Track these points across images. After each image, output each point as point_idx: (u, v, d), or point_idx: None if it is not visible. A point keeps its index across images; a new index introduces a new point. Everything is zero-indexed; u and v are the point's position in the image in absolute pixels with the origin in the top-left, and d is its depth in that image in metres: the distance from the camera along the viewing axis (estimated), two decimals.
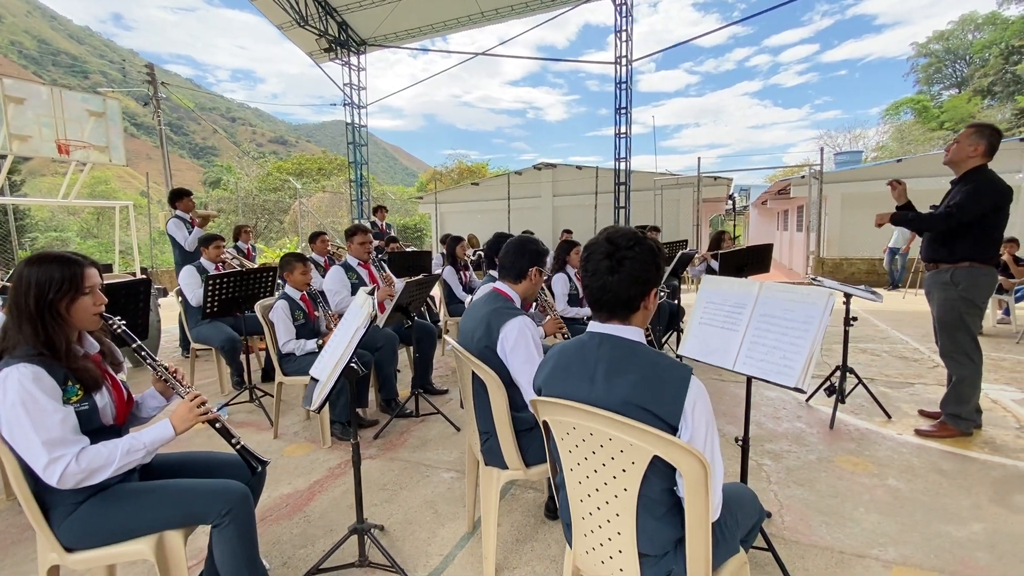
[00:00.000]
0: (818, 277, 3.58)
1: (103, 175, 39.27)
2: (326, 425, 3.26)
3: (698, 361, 2.05)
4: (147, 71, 13.03)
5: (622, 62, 11.89)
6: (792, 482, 2.65)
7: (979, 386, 3.07)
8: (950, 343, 3.08)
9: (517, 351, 1.84)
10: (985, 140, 2.94)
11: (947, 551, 2.08)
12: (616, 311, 1.27)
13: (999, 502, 2.43)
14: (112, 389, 1.67)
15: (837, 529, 2.24)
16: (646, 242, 1.25)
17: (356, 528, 1.99)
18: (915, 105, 41.25)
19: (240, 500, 1.62)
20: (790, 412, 3.61)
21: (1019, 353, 5.05)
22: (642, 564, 1.25)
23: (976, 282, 2.97)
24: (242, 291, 3.74)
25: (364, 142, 15.23)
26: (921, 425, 3.27)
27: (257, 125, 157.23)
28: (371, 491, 2.69)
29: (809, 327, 1.76)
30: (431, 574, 2.03)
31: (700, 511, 1.17)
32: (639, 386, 1.18)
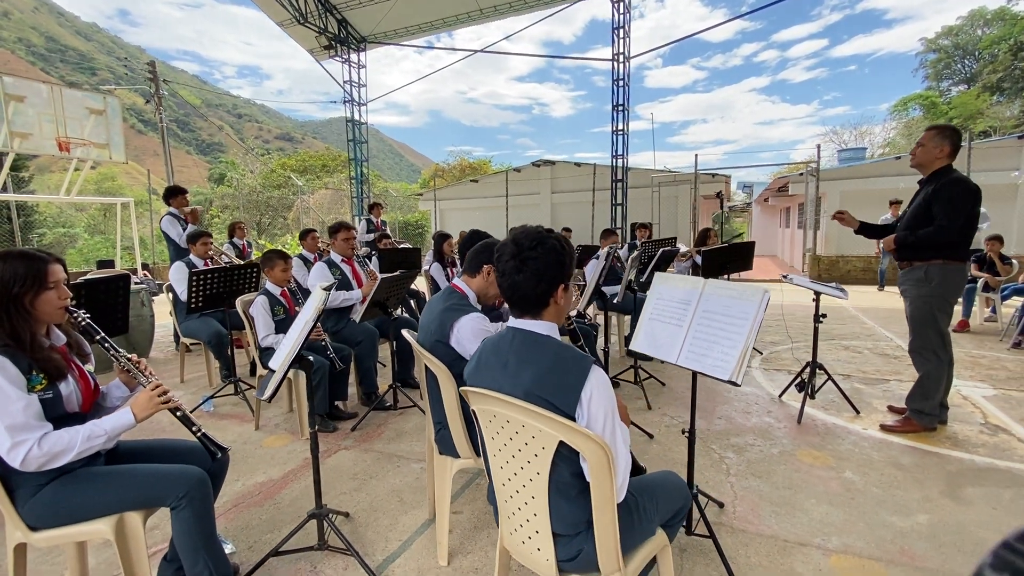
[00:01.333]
0: (788, 275, 3.63)
1: (110, 171, 39.66)
2: (304, 417, 3.36)
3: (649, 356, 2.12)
4: (149, 69, 13.16)
5: (619, 59, 11.90)
6: (750, 474, 2.72)
7: (944, 383, 3.12)
8: (919, 340, 3.13)
9: (468, 346, 1.92)
10: (948, 141, 2.99)
11: (888, 541, 2.14)
12: (527, 307, 1.35)
13: (949, 495, 2.48)
14: (78, 379, 1.75)
15: (786, 519, 2.31)
16: (549, 242, 1.32)
17: (314, 513, 2.08)
18: (923, 101, 40.79)
19: (197, 484, 1.71)
20: (761, 407, 3.67)
21: (999, 351, 5.07)
22: (556, 543, 1.33)
23: (949, 279, 3.02)
24: (226, 287, 3.83)
25: (364, 139, 15.33)
26: (888, 420, 3.32)
27: (263, 122, 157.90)
28: (342, 480, 2.79)
29: (744, 323, 1.83)
30: (388, 558, 2.12)
31: (605, 493, 1.24)
32: (541, 377, 1.26)
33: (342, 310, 3.89)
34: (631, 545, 1.40)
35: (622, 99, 11.98)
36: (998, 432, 3.17)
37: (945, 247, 2.99)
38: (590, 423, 1.24)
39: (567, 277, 1.36)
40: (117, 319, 2.75)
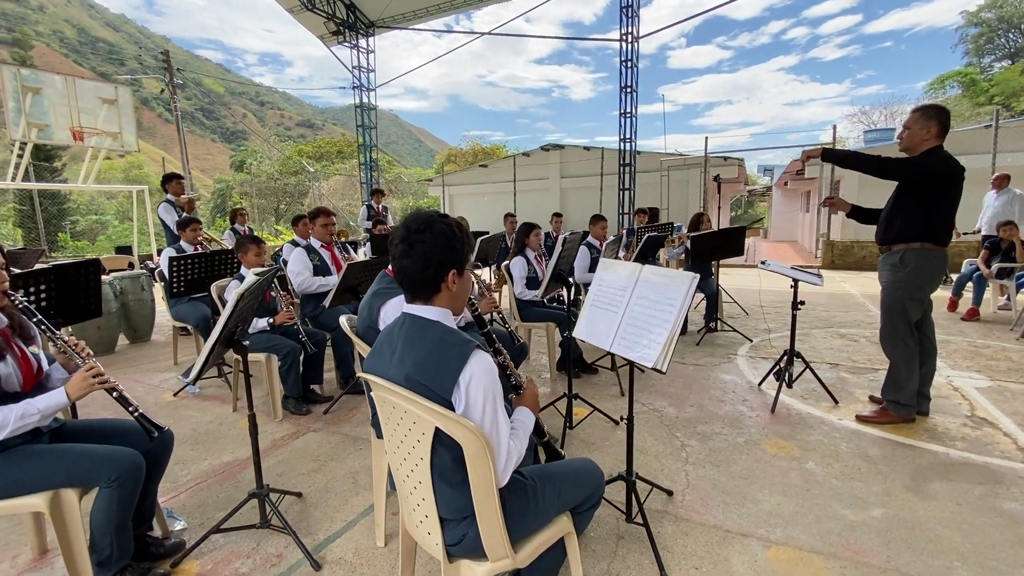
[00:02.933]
0: (767, 261, 3.52)
1: (136, 159, 40.74)
2: (277, 400, 3.43)
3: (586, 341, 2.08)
4: (163, 59, 13.39)
5: (628, 39, 11.60)
6: (709, 463, 2.68)
7: (918, 372, 3.00)
8: (889, 326, 3.02)
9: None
10: (935, 121, 2.84)
11: (835, 534, 2.09)
12: (417, 292, 1.33)
13: (913, 489, 2.40)
14: (19, 360, 1.81)
15: (733, 509, 2.27)
16: (438, 226, 1.30)
17: (255, 493, 2.13)
18: (963, 78, 38.78)
19: (129, 469, 1.77)
20: (737, 396, 3.60)
21: (1007, 341, 4.85)
22: (443, 527, 1.33)
23: (924, 265, 2.90)
24: (207, 272, 3.91)
25: (373, 124, 15.36)
26: (865, 411, 3.22)
27: (285, 109, 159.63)
28: (304, 461, 2.84)
29: (672, 308, 1.78)
30: (329, 537, 2.16)
31: (484, 480, 1.23)
32: (422, 362, 1.25)
33: (320, 295, 3.93)
34: (525, 531, 1.39)
35: (630, 80, 11.70)
36: (983, 425, 3.04)
37: (916, 229, 2.86)
38: (468, 408, 1.23)
39: (459, 262, 1.34)
40: (89, 303, 2.84)
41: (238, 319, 1.92)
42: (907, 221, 2.92)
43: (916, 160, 2.86)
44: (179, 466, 2.80)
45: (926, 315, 3.11)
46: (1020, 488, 2.36)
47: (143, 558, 1.98)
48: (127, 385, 4.18)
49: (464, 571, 1.35)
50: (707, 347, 4.86)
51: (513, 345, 3.08)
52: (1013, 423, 3.04)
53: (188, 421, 3.44)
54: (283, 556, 2.05)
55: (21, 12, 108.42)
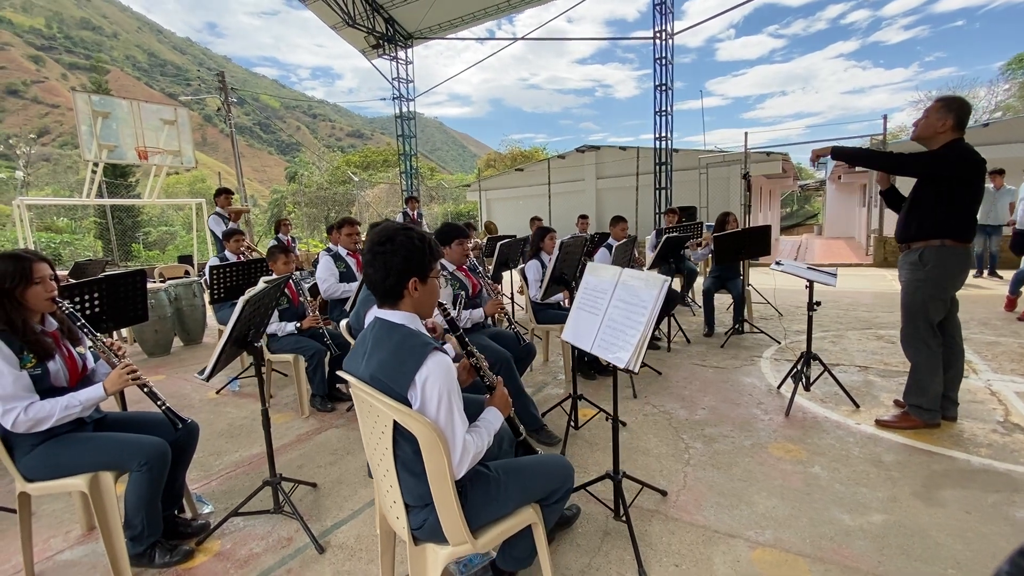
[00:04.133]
0: (781, 261, 3.44)
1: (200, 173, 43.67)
2: (305, 397, 3.68)
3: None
4: (219, 79, 14.37)
5: (662, 35, 11.43)
6: (710, 465, 2.67)
7: (939, 374, 2.87)
8: (910, 328, 2.91)
9: None
10: (953, 114, 2.73)
11: (827, 538, 2.06)
12: (384, 298, 1.47)
13: (922, 496, 2.32)
14: (66, 359, 2.09)
15: (725, 511, 2.27)
16: (399, 239, 1.42)
17: (268, 481, 2.33)
18: None
19: (157, 455, 2.00)
20: (754, 399, 3.54)
21: None
22: (409, 513, 1.45)
23: (945, 262, 2.78)
24: (245, 279, 4.24)
25: (413, 134, 15.84)
26: (886, 416, 3.10)
27: (336, 120, 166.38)
28: (323, 455, 3.05)
29: (645, 310, 1.83)
30: (336, 524, 2.34)
31: (439, 470, 1.35)
32: (384, 362, 1.37)
33: (345, 300, 4.17)
34: (486, 519, 1.49)
35: (665, 78, 11.52)
36: (1014, 431, 2.87)
37: (943, 226, 2.74)
38: (424, 405, 1.34)
39: (420, 271, 1.46)
40: (137, 309, 3.16)
41: (248, 323, 2.12)
42: (926, 217, 2.81)
43: (931, 153, 2.75)
44: (213, 456, 3.08)
45: (951, 316, 2.96)
46: None
47: (172, 536, 2.22)
48: (176, 383, 4.60)
49: (428, 554, 1.47)
50: (732, 349, 4.77)
51: (519, 345, 3.18)
52: None
53: (226, 416, 3.74)
54: (293, 539, 2.23)
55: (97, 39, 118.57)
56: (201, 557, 2.15)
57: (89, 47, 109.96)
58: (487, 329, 3.32)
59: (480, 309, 3.20)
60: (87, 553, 2.21)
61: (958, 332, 2.99)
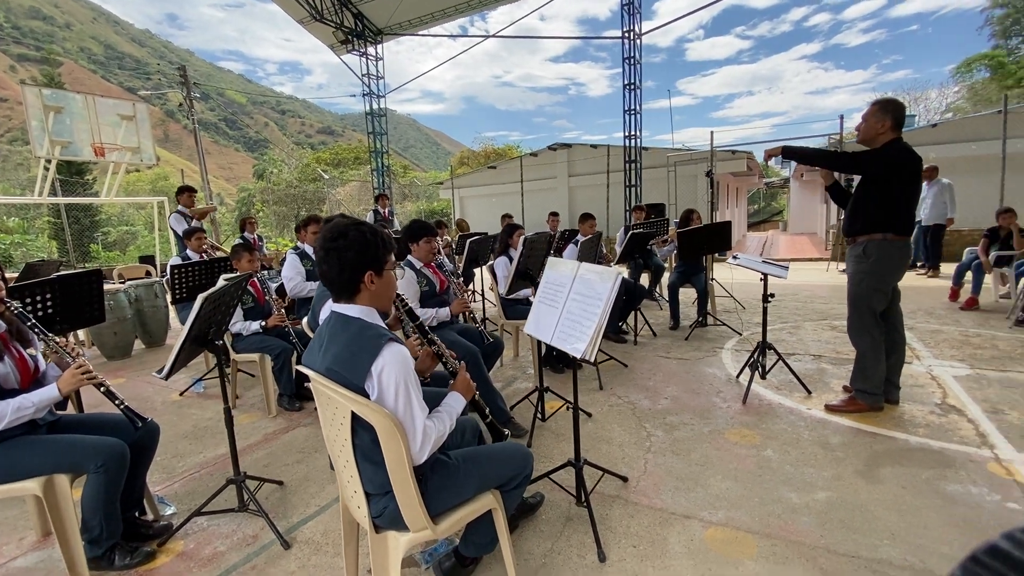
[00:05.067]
0: (738, 255, 3.58)
1: (162, 171, 42.13)
2: (272, 397, 3.65)
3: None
4: (181, 73, 13.94)
5: (630, 36, 11.62)
6: (670, 452, 2.78)
7: (882, 360, 3.05)
8: (855, 317, 3.08)
9: None
10: (890, 115, 2.91)
11: (775, 516, 2.18)
12: (339, 292, 1.49)
13: (863, 474, 2.47)
14: (16, 360, 2.04)
15: (682, 494, 2.38)
16: (351, 234, 1.45)
17: (231, 479, 2.33)
18: (989, 61, 37.29)
19: (115, 456, 1.97)
20: (714, 388, 3.67)
21: (1000, 329, 4.79)
22: (369, 502, 1.49)
23: (887, 255, 2.96)
24: (208, 279, 4.16)
25: (384, 131, 15.68)
26: (837, 398, 3.27)
27: (306, 116, 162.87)
28: (290, 453, 3.04)
29: (599, 303, 1.90)
30: (301, 520, 2.35)
31: (397, 457, 1.39)
32: (339, 355, 1.41)
33: (312, 299, 4.14)
34: (445, 505, 1.54)
35: (634, 78, 11.72)
36: (949, 413, 3.07)
37: (880, 220, 2.92)
38: (381, 395, 1.38)
39: (374, 264, 1.49)
40: (93, 310, 3.08)
41: (207, 321, 2.11)
42: (869, 214, 2.98)
43: (873, 152, 2.92)
44: (176, 458, 3.03)
45: (893, 306, 3.14)
46: (967, 471, 2.41)
47: (133, 538, 2.19)
48: (138, 386, 4.49)
49: (390, 541, 1.51)
50: (695, 341, 4.92)
51: (484, 343, 3.23)
52: (980, 410, 3.06)
53: (190, 418, 3.68)
54: (258, 537, 2.23)
55: (48, 30, 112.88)
56: (163, 558, 2.13)
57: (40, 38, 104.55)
58: (455, 326, 3.36)
59: (447, 308, 3.23)
60: (43, 559, 2.17)
61: (900, 321, 3.17)
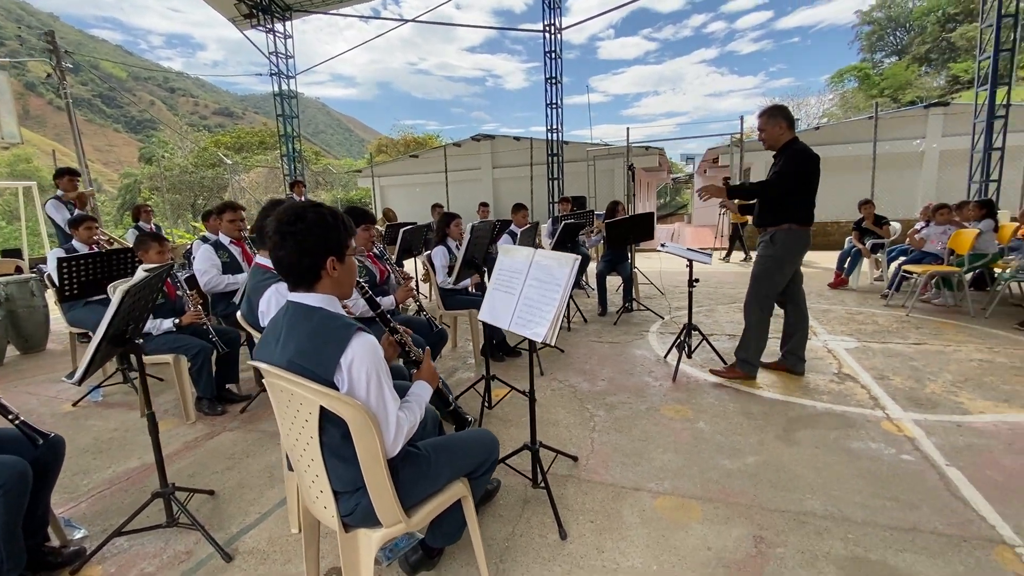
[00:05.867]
0: (666, 243, 3.82)
1: (24, 152, 36.50)
2: (189, 401, 3.33)
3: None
4: (47, 40, 12.08)
5: (551, 30, 11.81)
6: (613, 430, 2.91)
7: (765, 336, 3.46)
8: (752, 294, 3.44)
9: (269, 316, 1.95)
10: (781, 117, 3.29)
11: (714, 481, 2.36)
12: (299, 280, 1.39)
13: (783, 438, 2.75)
14: None
15: (629, 468, 2.50)
16: (310, 217, 1.36)
17: (158, 492, 2.10)
18: (858, 72, 42.42)
19: (14, 477, 1.70)
20: (645, 368, 3.89)
21: (877, 308, 5.53)
22: (338, 500, 1.42)
23: (791, 243, 3.32)
24: (104, 273, 3.69)
25: (295, 114, 14.70)
26: (759, 376, 3.60)
27: (199, 96, 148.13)
28: (218, 460, 2.80)
29: (558, 287, 1.94)
30: (242, 529, 2.17)
31: (371, 452, 1.33)
32: (303, 347, 1.32)
33: (231, 293, 3.82)
34: (418, 497, 1.50)
35: (555, 72, 11.95)
36: (846, 380, 3.49)
37: (785, 212, 3.25)
38: (353, 387, 1.31)
39: (336, 249, 1.40)
40: None
41: (126, 317, 1.87)
42: (776, 207, 3.34)
43: (783, 172, 3.23)
44: (79, 476, 2.68)
45: (797, 287, 3.52)
46: (867, 430, 2.77)
47: (40, 568, 1.92)
48: (19, 398, 3.89)
49: (361, 539, 1.45)
50: (623, 326, 5.17)
51: (431, 331, 3.17)
52: (870, 376, 3.52)
53: (90, 430, 3.26)
54: (192, 552, 2.04)
55: None
56: None
57: None
58: (397, 316, 3.26)
59: (390, 297, 3.13)
60: None
61: (803, 300, 3.55)
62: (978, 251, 5.26)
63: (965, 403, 3.05)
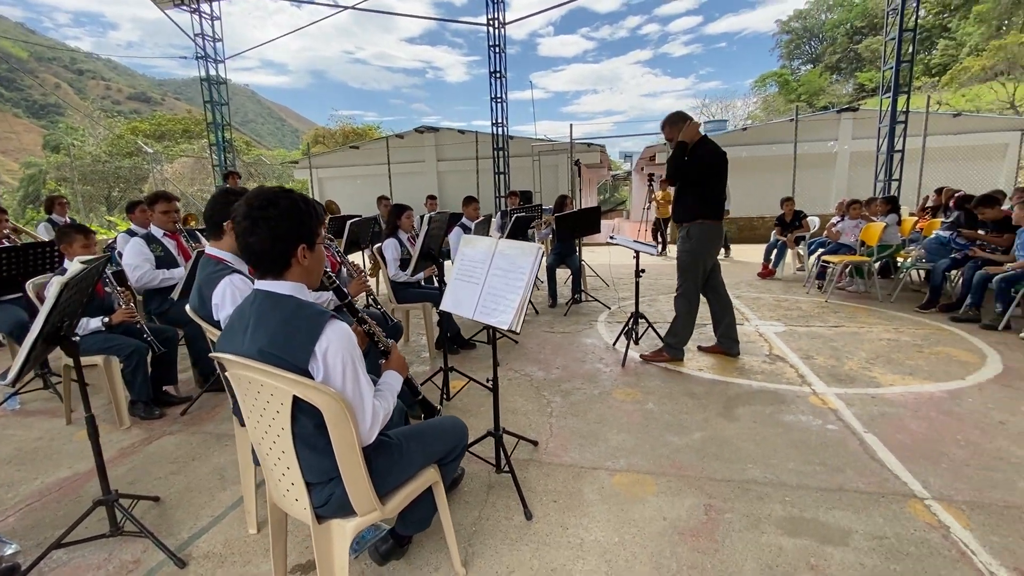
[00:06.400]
0: (615, 235, 3.98)
1: None
2: (122, 405, 3.11)
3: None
4: None
5: (495, 24, 11.81)
6: (569, 414, 3.02)
7: (693, 324, 3.74)
8: (681, 286, 3.68)
9: (224, 310, 1.89)
10: (682, 120, 3.57)
11: (665, 456, 2.52)
12: (268, 268, 1.36)
13: (724, 415, 2.96)
14: None
15: (587, 449, 2.61)
16: (283, 202, 1.34)
17: (101, 500, 1.97)
18: (778, 78, 45.44)
19: None
20: (596, 356, 4.04)
21: (800, 295, 6.02)
22: (310, 492, 1.40)
23: (703, 236, 3.60)
24: (19, 269, 3.36)
25: (225, 101, 13.83)
26: (698, 359, 3.84)
27: (111, 79, 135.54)
28: (160, 465, 2.65)
29: (523, 276, 2.00)
30: (193, 534, 2.08)
31: (346, 441, 1.33)
32: (274, 335, 1.29)
33: (167, 290, 3.59)
34: (392, 484, 1.51)
35: (499, 66, 11.97)
36: (776, 361, 3.80)
37: (700, 208, 3.52)
38: (328, 376, 1.30)
39: (308, 237, 1.38)
40: None
41: (63, 313, 1.74)
42: (689, 204, 3.60)
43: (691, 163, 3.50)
44: (3, 488, 2.46)
45: (716, 277, 3.78)
46: (796, 405, 3.04)
47: None
48: None
49: (335, 530, 1.44)
50: (573, 316, 5.33)
51: (387, 325, 3.14)
52: (797, 357, 3.84)
53: (9, 441, 2.98)
54: (140, 561, 1.93)
55: None
56: None
57: None
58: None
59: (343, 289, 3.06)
60: None
61: (723, 288, 3.82)
62: (884, 242, 5.85)
63: (877, 377, 3.41)
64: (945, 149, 12.53)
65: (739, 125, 35.85)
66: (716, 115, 42.30)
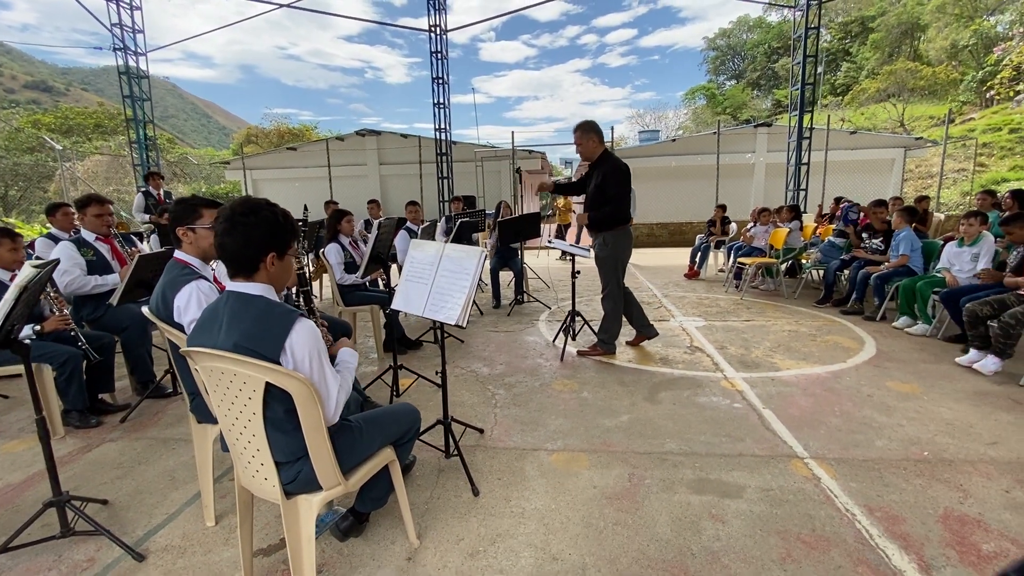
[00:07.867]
0: (552, 240, 4.29)
1: None
2: (55, 415, 3.02)
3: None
4: None
5: (436, 31, 11.96)
6: (512, 404, 3.27)
7: (620, 319, 4.11)
8: (605, 287, 4.08)
9: (188, 314, 1.99)
10: (593, 132, 3.91)
11: (597, 437, 2.82)
12: (238, 268, 1.51)
13: (649, 399, 3.32)
14: None
15: (528, 434, 2.87)
16: (263, 213, 1.49)
17: (51, 501, 1.99)
18: (706, 92, 48.41)
19: None
20: (537, 352, 4.33)
21: (720, 294, 6.64)
22: (279, 471, 1.56)
23: (619, 241, 3.98)
24: None
25: (147, 96, 13.04)
26: (628, 352, 4.22)
27: (4, 64, 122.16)
28: (104, 471, 2.64)
29: (468, 276, 2.22)
30: (149, 531, 2.13)
31: (314, 421, 1.50)
32: (248, 332, 1.45)
33: (101, 295, 3.49)
34: (354, 461, 1.69)
35: (441, 72, 12.12)
36: (696, 352, 4.24)
37: (615, 217, 3.90)
38: (297, 366, 1.47)
39: (280, 247, 1.54)
40: None
41: (17, 317, 1.77)
42: (604, 214, 3.93)
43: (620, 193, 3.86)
44: None
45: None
46: (710, 388, 3.45)
47: None
48: None
49: (302, 504, 1.60)
50: (516, 316, 5.61)
51: (336, 324, 3.25)
52: (713, 347, 4.31)
53: None
54: (95, 559, 1.97)
55: None
56: None
57: None
58: None
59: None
60: None
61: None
62: (789, 246, 6.58)
63: (777, 363, 3.92)
64: (844, 163, 14.02)
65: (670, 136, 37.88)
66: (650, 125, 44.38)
